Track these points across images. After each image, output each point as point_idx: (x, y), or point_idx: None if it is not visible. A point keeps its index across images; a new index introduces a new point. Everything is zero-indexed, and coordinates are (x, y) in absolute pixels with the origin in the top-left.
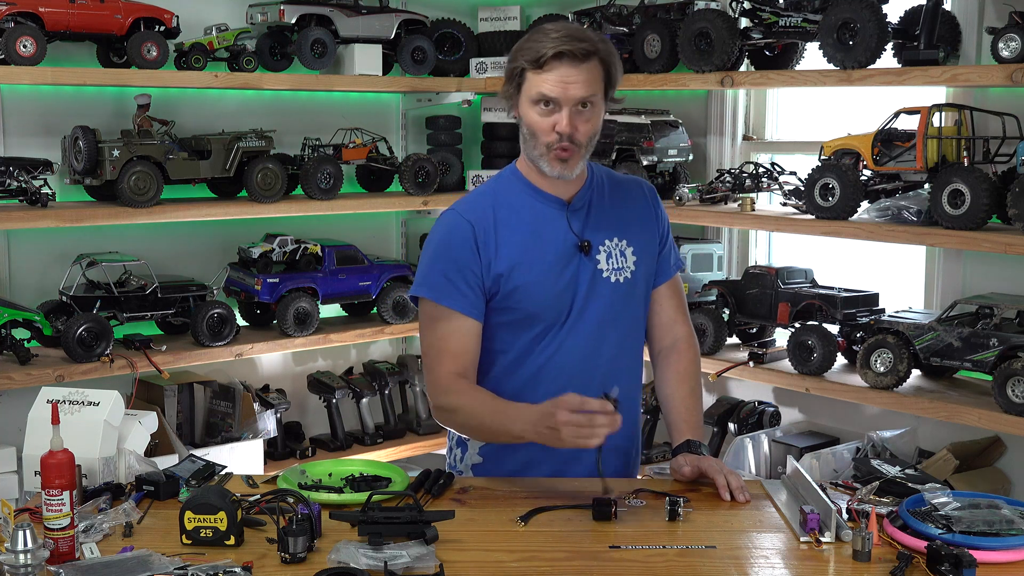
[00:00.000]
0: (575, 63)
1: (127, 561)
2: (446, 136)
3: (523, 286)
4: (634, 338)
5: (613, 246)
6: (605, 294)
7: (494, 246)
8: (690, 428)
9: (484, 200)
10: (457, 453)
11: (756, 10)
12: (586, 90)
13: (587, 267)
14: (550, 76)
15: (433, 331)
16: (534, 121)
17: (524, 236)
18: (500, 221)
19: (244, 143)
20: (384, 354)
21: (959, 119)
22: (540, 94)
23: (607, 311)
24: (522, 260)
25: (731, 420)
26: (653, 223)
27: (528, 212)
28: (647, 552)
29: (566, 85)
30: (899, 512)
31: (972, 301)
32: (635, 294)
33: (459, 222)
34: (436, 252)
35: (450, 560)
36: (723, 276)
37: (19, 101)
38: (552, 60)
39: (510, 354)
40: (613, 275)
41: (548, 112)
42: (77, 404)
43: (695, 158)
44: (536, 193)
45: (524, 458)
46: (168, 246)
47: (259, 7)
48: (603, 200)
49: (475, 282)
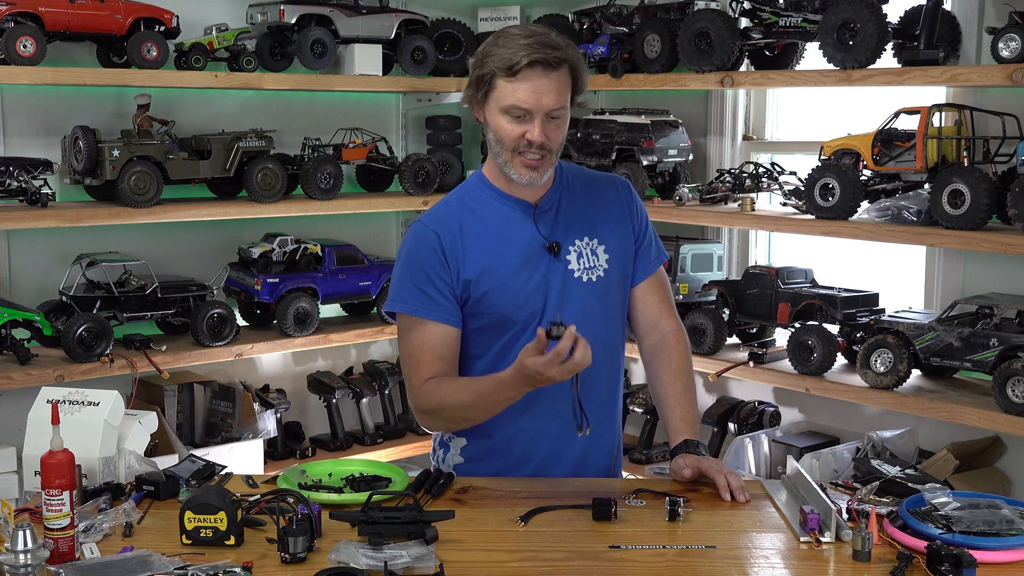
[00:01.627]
0: (547, 71)
1: (127, 561)
2: (446, 136)
3: (492, 290)
4: (611, 336)
5: (584, 245)
6: (578, 294)
7: (461, 253)
8: (687, 427)
9: (450, 209)
10: (440, 454)
11: (756, 10)
12: (558, 100)
13: (557, 268)
14: (523, 85)
15: (409, 343)
16: (503, 128)
17: (491, 241)
18: (466, 228)
19: (244, 143)
20: (384, 354)
21: (959, 119)
22: (512, 103)
23: (581, 311)
24: (490, 265)
25: (731, 420)
26: (626, 220)
27: (495, 217)
28: (647, 552)
29: (539, 95)
30: (899, 512)
31: (972, 301)
32: (610, 292)
33: (425, 233)
34: (405, 265)
35: (450, 560)
36: (723, 276)
37: (19, 101)
38: (525, 68)
39: (485, 358)
40: (585, 274)
41: (519, 120)
42: (77, 404)
43: (695, 158)
44: (503, 198)
45: (506, 461)
46: (168, 246)
47: (259, 7)
48: (573, 200)
49: (447, 290)
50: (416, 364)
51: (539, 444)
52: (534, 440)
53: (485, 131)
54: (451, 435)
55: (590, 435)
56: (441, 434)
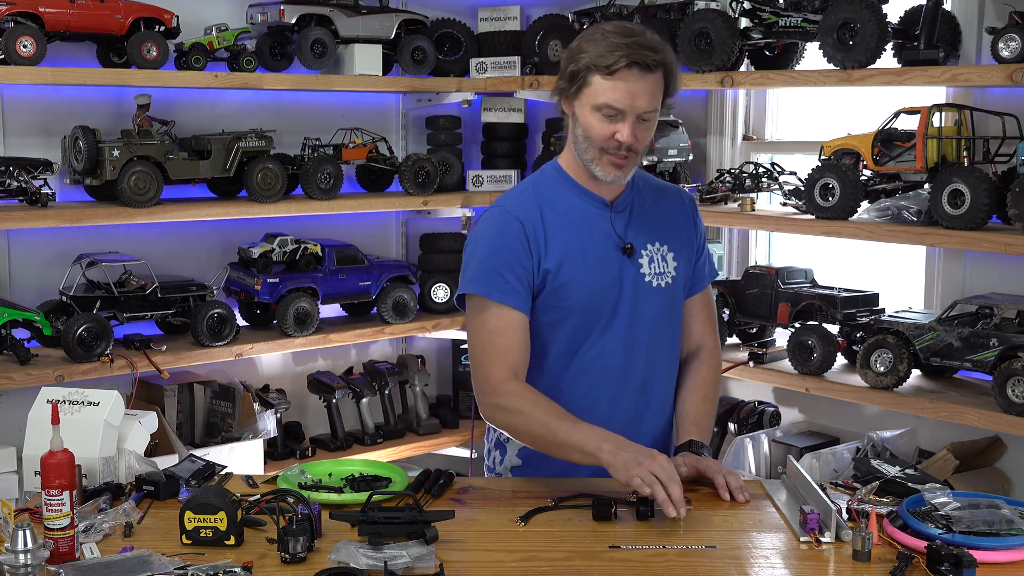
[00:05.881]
0: (644, 73)
1: (127, 561)
2: (446, 136)
3: (570, 283)
4: (672, 343)
5: (655, 250)
6: (648, 298)
7: (543, 242)
8: (696, 430)
9: (528, 197)
10: (496, 455)
11: (756, 10)
12: (651, 103)
13: (630, 270)
14: (619, 85)
15: (484, 328)
16: (593, 126)
17: (570, 233)
18: (547, 218)
19: (244, 143)
20: (384, 354)
21: (959, 119)
22: (606, 103)
23: (650, 315)
24: (570, 257)
25: (731, 420)
26: (691, 232)
27: (573, 210)
28: (647, 552)
29: (634, 96)
30: (899, 512)
31: (972, 301)
32: (675, 300)
33: (509, 219)
34: (485, 249)
35: (450, 560)
36: (723, 276)
37: (19, 101)
38: (623, 69)
39: (550, 355)
40: (655, 280)
41: (610, 120)
42: (77, 404)
43: (695, 158)
44: (580, 192)
45: (565, 464)
46: (168, 246)
47: (259, 7)
48: (645, 204)
49: (526, 278)
50: (492, 352)
51: None
52: None
53: (570, 124)
54: (508, 437)
55: (650, 444)
56: (497, 436)
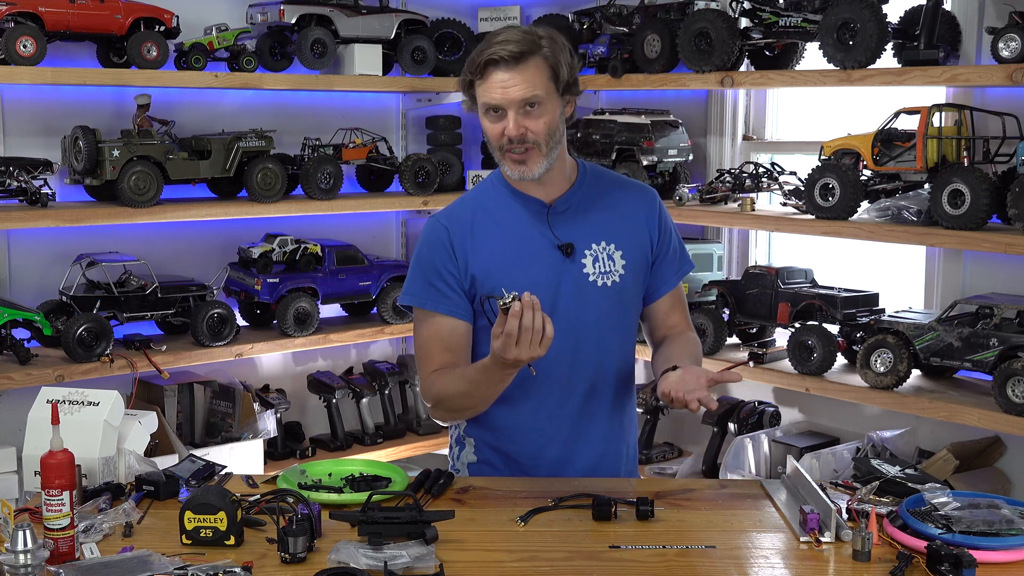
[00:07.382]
0: (509, 67)
1: (127, 561)
2: (446, 136)
3: (502, 285)
4: (623, 342)
5: (600, 250)
6: (592, 298)
7: (471, 248)
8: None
9: (464, 205)
10: (455, 451)
11: (756, 10)
12: (526, 91)
13: (571, 270)
14: (490, 83)
15: (419, 335)
16: (487, 128)
17: (501, 238)
18: (477, 224)
19: (244, 143)
20: (384, 354)
21: (959, 119)
22: (485, 103)
23: (594, 315)
24: (499, 262)
25: (731, 420)
26: (644, 231)
27: (507, 215)
28: (647, 552)
29: (504, 89)
30: (899, 512)
31: (972, 301)
32: (624, 299)
33: (437, 228)
34: (417, 259)
35: (450, 560)
36: (723, 276)
37: (19, 101)
38: (488, 68)
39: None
40: (600, 279)
41: (498, 118)
42: (77, 404)
43: (695, 158)
44: (516, 196)
45: (519, 462)
46: (168, 246)
47: (259, 7)
48: (592, 203)
49: (455, 284)
50: (425, 356)
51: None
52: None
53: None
54: (464, 434)
55: (602, 444)
56: (457, 433)
